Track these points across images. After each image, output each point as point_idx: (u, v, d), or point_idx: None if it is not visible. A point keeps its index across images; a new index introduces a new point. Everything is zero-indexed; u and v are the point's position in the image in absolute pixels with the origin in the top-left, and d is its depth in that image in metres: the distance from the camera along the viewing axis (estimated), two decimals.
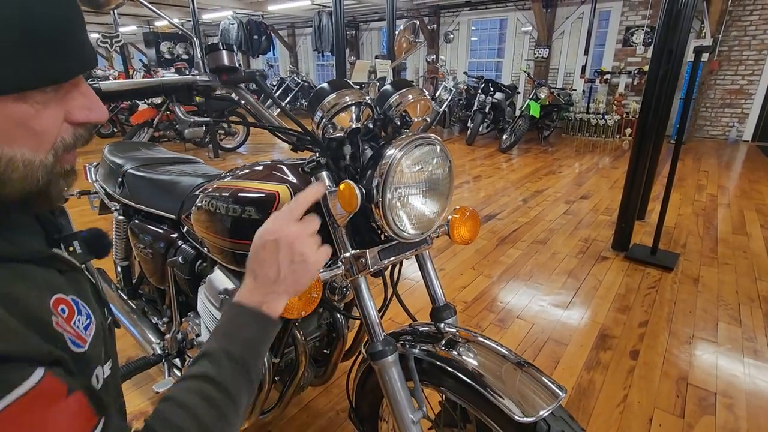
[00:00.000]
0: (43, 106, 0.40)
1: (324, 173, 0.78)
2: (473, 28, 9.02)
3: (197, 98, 0.76)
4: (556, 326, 1.92)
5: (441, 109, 7.01)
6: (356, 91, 0.72)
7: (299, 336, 1.01)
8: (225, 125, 5.69)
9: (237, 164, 1.19)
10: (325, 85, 0.73)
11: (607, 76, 7.19)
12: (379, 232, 0.84)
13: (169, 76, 0.72)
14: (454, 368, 0.73)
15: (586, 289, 2.24)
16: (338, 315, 1.12)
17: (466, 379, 0.70)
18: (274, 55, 11.92)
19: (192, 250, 1.15)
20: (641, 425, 1.39)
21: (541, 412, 0.61)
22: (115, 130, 6.60)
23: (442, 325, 0.85)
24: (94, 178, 1.61)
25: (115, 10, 6.35)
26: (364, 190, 0.68)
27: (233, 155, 5.85)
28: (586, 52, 7.34)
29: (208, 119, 0.80)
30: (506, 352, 0.76)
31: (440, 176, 0.76)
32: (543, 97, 6.08)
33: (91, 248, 0.54)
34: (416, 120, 0.81)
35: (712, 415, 1.42)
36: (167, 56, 10.44)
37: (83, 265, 0.51)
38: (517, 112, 6.76)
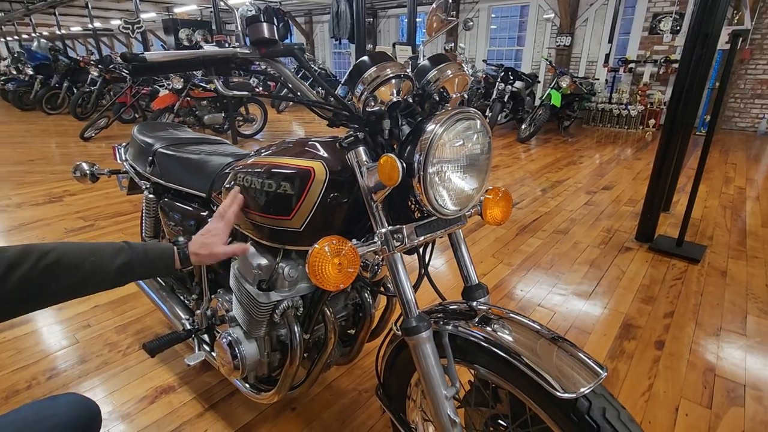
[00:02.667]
0: None
1: (361, 148, 0.78)
2: (493, 15, 8.84)
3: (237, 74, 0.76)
4: (578, 315, 1.90)
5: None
6: (397, 64, 0.72)
7: (329, 313, 1.02)
8: (243, 112, 5.72)
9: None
10: (365, 58, 0.73)
11: (632, 65, 6.99)
12: (413, 209, 0.84)
13: (209, 48, 0.72)
14: (489, 344, 0.73)
15: (608, 279, 2.21)
16: (365, 294, 1.12)
17: (502, 354, 0.70)
18: (291, 41, 11.89)
19: None
20: (667, 414, 1.37)
21: (582, 389, 0.61)
22: (137, 115, 6.70)
23: (474, 303, 0.85)
24: (123, 158, 1.63)
25: None
26: (405, 164, 0.68)
27: (251, 141, 5.90)
28: (611, 40, 7.14)
29: (245, 92, 0.80)
30: (539, 328, 0.75)
31: (480, 151, 0.75)
32: (565, 86, 5.94)
33: None
34: (454, 96, 0.80)
35: (740, 406, 1.40)
36: (186, 43, 10.51)
37: None
38: (537, 102, 6.64)
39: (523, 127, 6.00)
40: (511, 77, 6.48)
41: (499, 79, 6.45)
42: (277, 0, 9.08)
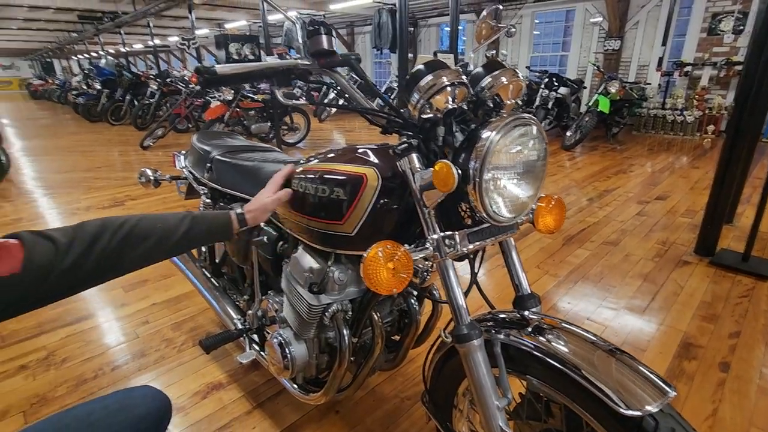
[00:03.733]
0: None
1: (414, 155, 0.79)
2: (537, 21, 8.67)
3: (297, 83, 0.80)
4: (631, 331, 1.80)
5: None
6: (453, 71, 0.73)
7: (376, 318, 1.03)
8: (288, 121, 5.93)
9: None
10: (421, 66, 0.74)
11: (688, 68, 6.60)
12: (464, 215, 0.84)
13: (271, 60, 0.77)
14: (543, 354, 0.71)
15: (665, 294, 2.08)
16: (412, 300, 1.13)
17: (557, 365, 0.68)
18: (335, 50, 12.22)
19: (275, 232, 1.22)
20: None
21: (649, 407, 0.58)
22: (190, 125, 7.11)
23: (526, 313, 0.84)
24: (183, 165, 1.74)
25: (193, 14, 6.84)
26: (460, 171, 0.68)
27: (294, 149, 6.09)
28: (664, 43, 6.79)
29: (303, 102, 0.84)
30: (596, 339, 0.73)
31: (536, 158, 0.74)
32: (614, 91, 5.70)
33: None
34: (509, 102, 0.80)
35: None
36: (235, 56, 11.08)
37: None
38: (583, 108, 6.41)
39: (568, 134, 5.81)
40: (556, 83, 6.31)
41: (542, 86, 6.30)
42: (321, 13, 9.38)
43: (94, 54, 14.94)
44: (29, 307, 0.61)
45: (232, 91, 5.22)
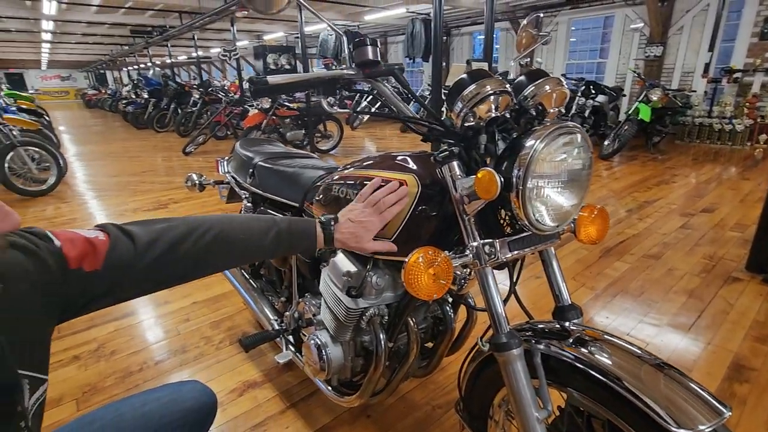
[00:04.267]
0: None
1: (455, 162, 0.80)
2: (573, 28, 8.49)
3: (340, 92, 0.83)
4: (675, 349, 1.72)
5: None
6: (496, 80, 0.73)
7: (412, 324, 1.04)
8: (322, 129, 6.06)
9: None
10: (464, 76, 0.75)
11: (738, 75, 6.26)
12: (504, 223, 0.84)
13: (318, 70, 0.80)
14: (586, 366, 0.70)
15: (712, 311, 1.97)
16: (447, 307, 1.13)
17: (601, 377, 0.67)
18: None
19: None
20: None
21: (702, 427, 0.56)
22: (229, 132, 7.40)
23: (566, 324, 0.82)
24: (226, 170, 1.81)
25: (234, 27, 7.15)
26: (503, 179, 0.69)
27: (327, 156, 6.21)
28: (711, 49, 6.47)
29: (346, 110, 0.87)
30: (641, 353, 0.71)
31: (581, 167, 0.73)
32: (655, 99, 5.49)
33: None
34: (552, 111, 0.80)
35: None
36: (272, 66, 11.47)
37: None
38: (622, 117, 6.20)
39: (606, 143, 5.63)
40: (593, 91, 6.14)
41: (579, 94, 6.15)
42: (356, 24, 9.57)
43: (142, 65, 15.86)
44: (113, 301, 0.64)
45: (270, 100, 5.40)
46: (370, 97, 8.80)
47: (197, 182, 1.84)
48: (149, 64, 12.50)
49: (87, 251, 0.58)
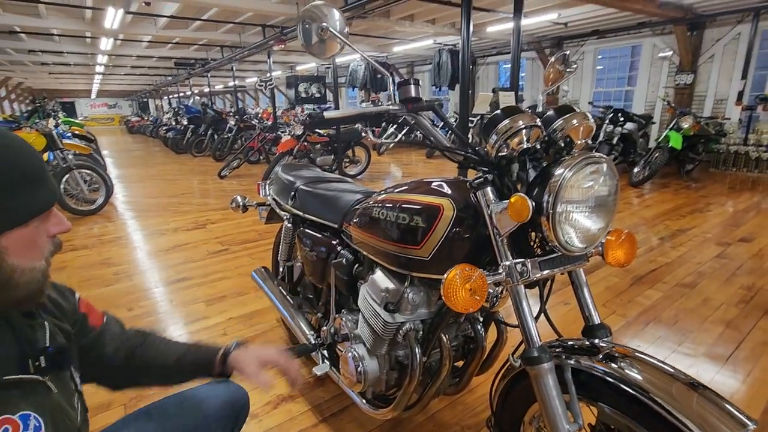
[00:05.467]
0: (37, 228, 0.57)
1: (489, 188, 0.88)
2: (600, 56, 8.55)
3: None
4: (711, 381, 1.68)
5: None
6: (528, 115, 0.82)
7: (445, 340, 1.10)
8: (350, 154, 6.27)
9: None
10: (498, 112, 0.84)
11: None
12: (534, 245, 0.90)
13: (367, 106, 0.91)
14: (617, 381, 0.74)
15: (751, 343, 1.91)
16: (478, 326, 1.18)
17: (633, 392, 0.71)
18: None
19: (351, 255, 1.34)
20: None
21: None
22: (261, 157, 7.73)
23: (596, 341, 0.86)
24: (267, 193, 1.95)
25: (271, 59, 7.60)
26: (534, 203, 0.76)
27: (356, 181, 6.38)
28: (744, 77, 6.38)
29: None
30: (674, 371, 0.74)
31: (607, 193, 0.80)
32: (686, 126, 5.42)
33: (54, 362, 0.65)
34: (579, 142, 0.87)
35: None
36: (303, 95, 11.99)
37: (46, 377, 0.63)
38: (652, 144, 6.13)
39: (636, 170, 5.56)
40: (621, 119, 6.13)
41: (607, 121, 6.15)
42: (384, 54, 9.96)
43: (181, 93, 16.87)
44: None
45: (302, 127, 5.65)
46: (396, 124, 9.01)
47: (241, 204, 1.98)
48: (188, 93, 13.37)
49: (92, 309, 0.84)
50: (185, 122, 9.75)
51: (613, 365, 0.77)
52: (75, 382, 0.74)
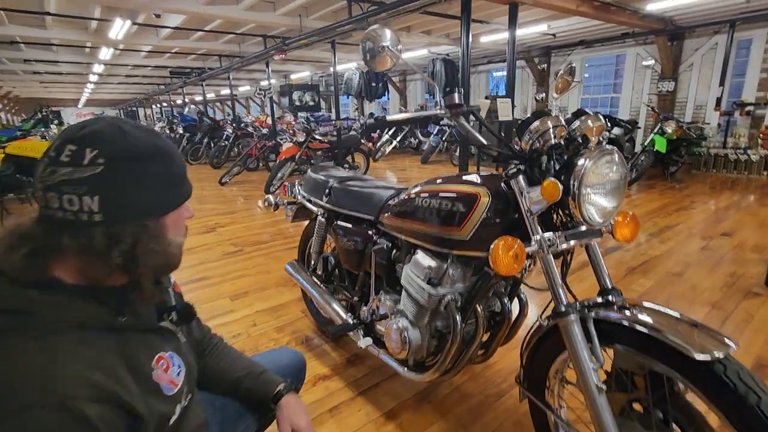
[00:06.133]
0: (180, 212, 0.74)
1: (521, 177, 1.08)
2: (587, 65, 8.93)
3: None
4: None
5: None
6: (554, 117, 1.02)
7: (479, 310, 1.28)
8: (350, 160, 6.46)
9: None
10: (529, 115, 1.04)
11: (750, 108, 6.51)
12: (557, 223, 1.10)
13: (414, 110, 1.10)
14: (631, 323, 0.92)
15: (735, 321, 2.14)
16: (505, 299, 1.37)
17: (644, 330, 0.89)
18: (387, 99, 13.05)
19: (389, 242, 1.53)
20: None
21: (716, 353, 0.79)
22: (261, 164, 7.86)
23: (610, 298, 1.06)
24: (298, 192, 2.11)
25: (269, 68, 7.77)
26: (563, 186, 0.96)
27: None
28: (722, 84, 6.78)
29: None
30: (679, 315, 0.93)
31: (618, 178, 1.00)
32: (670, 131, 5.75)
33: (181, 317, 0.84)
34: (593, 139, 1.07)
35: None
36: (297, 103, 12.18)
37: (178, 329, 0.82)
38: (638, 148, 6.45)
39: None
40: (609, 124, 6.44)
41: None
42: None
43: (172, 102, 16.89)
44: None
45: (304, 134, 5.83)
46: (392, 131, 9.26)
47: (273, 202, 2.15)
48: (179, 102, 13.43)
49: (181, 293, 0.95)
50: (180, 130, 9.83)
51: (627, 313, 0.96)
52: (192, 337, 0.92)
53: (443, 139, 8.22)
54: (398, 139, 9.32)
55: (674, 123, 5.79)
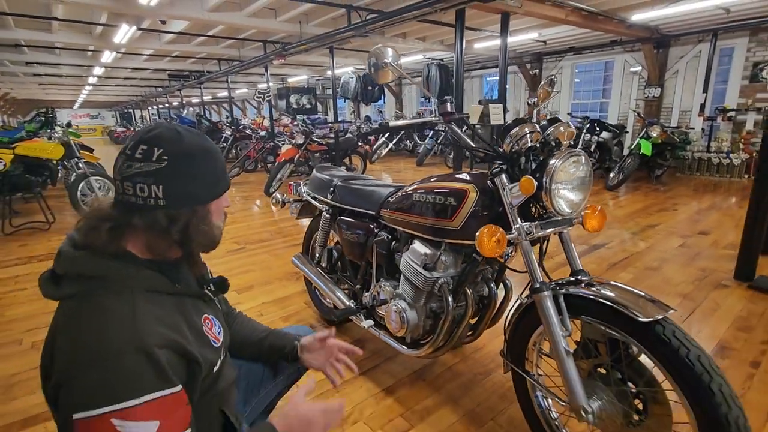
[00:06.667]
0: (221, 200, 0.89)
1: (503, 175, 1.26)
2: (577, 70, 9.19)
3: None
4: None
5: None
6: (531, 124, 1.21)
7: (469, 292, 1.46)
8: (347, 162, 6.63)
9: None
10: (510, 122, 1.23)
11: (732, 114, 6.78)
12: (534, 214, 1.29)
13: (411, 117, 1.26)
14: (595, 297, 1.11)
15: (704, 310, 2.34)
16: (491, 284, 1.55)
17: (603, 301, 1.08)
18: (383, 102, 13.25)
19: (389, 234, 1.71)
20: (758, 415, 1.55)
21: (657, 315, 0.98)
22: (260, 166, 8.02)
23: (579, 277, 1.25)
24: (304, 190, 2.29)
25: (268, 72, 7.94)
26: (537, 182, 1.15)
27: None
28: (705, 90, 7.05)
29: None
30: (641, 293, 1.11)
31: (584, 175, 1.19)
32: (655, 135, 6.00)
33: (217, 288, 0.98)
34: (564, 143, 1.26)
35: None
36: (294, 106, 12.34)
37: (215, 298, 0.98)
38: (626, 151, 6.69)
39: (611, 175, 6.09)
40: (597, 128, 6.68)
41: (584, 131, 6.69)
42: None
43: (167, 105, 17.00)
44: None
45: (303, 136, 6.00)
46: (388, 134, 9.43)
47: (280, 200, 2.33)
48: (176, 104, 13.53)
49: None
50: None
51: (593, 289, 1.15)
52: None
53: (438, 141, 8.44)
54: (394, 141, 9.52)
55: (659, 128, 6.04)
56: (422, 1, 4.18)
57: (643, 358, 1.11)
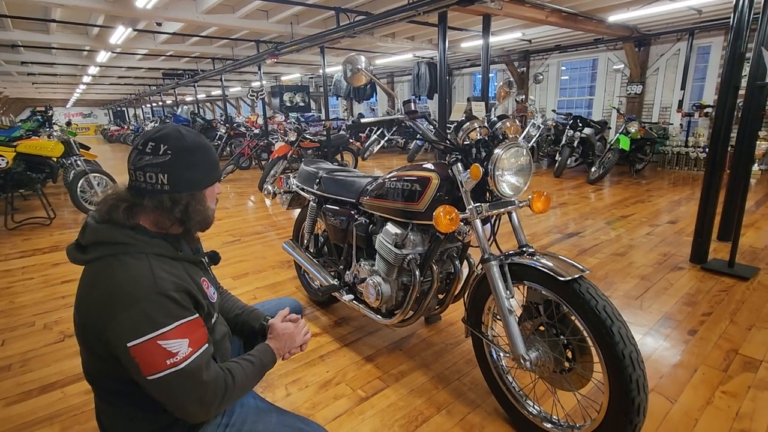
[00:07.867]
0: (214, 187, 1.10)
1: (459, 164, 1.48)
2: (563, 68, 9.43)
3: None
4: (623, 312, 2.32)
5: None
6: (480, 120, 1.43)
7: (435, 268, 1.68)
8: (339, 158, 6.83)
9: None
10: (463, 118, 1.45)
11: (708, 110, 7.05)
12: (487, 196, 1.51)
13: (379, 115, 1.46)
14: (535, 265, 1.33)
15: (657, 289, 2.58)
16: (456, 262, 1.77)
17: (539, 267, 1.30)
18: (375, 100, 13.44)
19: (367, 219, 1.92)
20: (685, 372, 1.78)
21: (575, 275, 1.20)
22: (254, 163, 8.19)
23: (524, 249, 1.47)
24: (294, 183, 2.50)
25: (261, 71, 8.11)
26: (484, 169, 1.36)
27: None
28: (683, 87, 7.32)
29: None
30: (573, 263, 1.32)
31: (524, 163, 1.41)
32: (633, 131, 6.25)
33: (211, 259, 1.18)
34: (511, 136, 1.48)
35: (752, 372, 1.76)
36: (288, 104, 12.51)
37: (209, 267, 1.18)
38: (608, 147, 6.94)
39: (592, 169, 6.34)
40: (580, 124, 6.93)
41: (568, 127, 6.94)
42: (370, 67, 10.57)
43: (161, 103, 17.08)
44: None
45: (296, 134, 6.19)
46: (379, 131, 9.65)
47: (272, 191, 2.54)
48: (169, 102, 13.62)
49: None
50: None
51: (534, 258, 1.37)
52: None
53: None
54: (386, 138, 9.72)
55: (637, 124, 6.29)
56: (407, 5, 4.39)
57: (573, 316, 1.33)
